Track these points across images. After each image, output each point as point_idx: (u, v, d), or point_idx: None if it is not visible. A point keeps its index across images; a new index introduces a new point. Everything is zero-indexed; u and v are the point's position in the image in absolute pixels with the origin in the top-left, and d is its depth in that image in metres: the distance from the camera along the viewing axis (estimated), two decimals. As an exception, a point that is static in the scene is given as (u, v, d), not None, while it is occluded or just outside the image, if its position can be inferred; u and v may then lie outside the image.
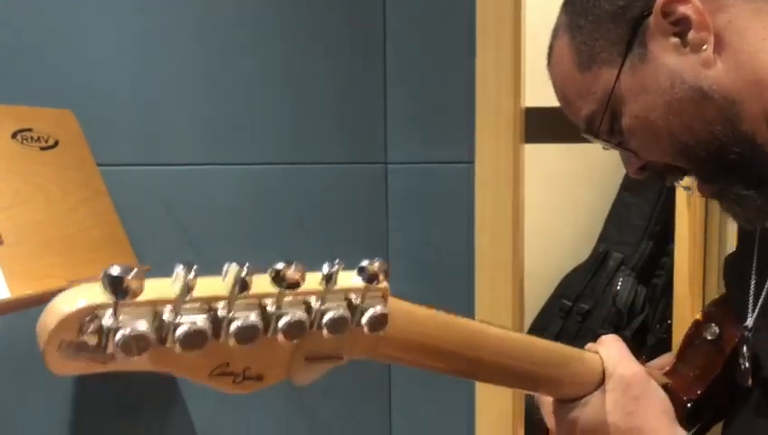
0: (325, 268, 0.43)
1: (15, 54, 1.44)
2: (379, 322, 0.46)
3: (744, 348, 0.70)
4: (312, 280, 0.43)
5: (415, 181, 1.49)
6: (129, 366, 0.36)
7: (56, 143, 1.31)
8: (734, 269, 0.81)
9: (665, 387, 0.73)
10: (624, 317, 2.23)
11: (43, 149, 1.28)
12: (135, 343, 0.34)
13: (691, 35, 0.65)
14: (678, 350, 0.77)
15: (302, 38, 1.45)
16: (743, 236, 0.80)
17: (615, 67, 0.68)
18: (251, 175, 1.47)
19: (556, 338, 2.37)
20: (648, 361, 2.41)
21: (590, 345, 0.71)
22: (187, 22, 1.45)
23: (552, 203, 2.27)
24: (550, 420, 0.68)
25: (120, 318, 0.34)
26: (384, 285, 0.47)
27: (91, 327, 0.33)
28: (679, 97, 0.65)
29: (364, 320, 0.45)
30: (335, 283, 0.43)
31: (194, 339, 0.36)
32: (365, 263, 0.46)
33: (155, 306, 0.35)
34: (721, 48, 0.65)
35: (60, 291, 1.12)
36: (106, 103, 1.43)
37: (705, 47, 0.65)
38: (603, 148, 0.76)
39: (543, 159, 1.16)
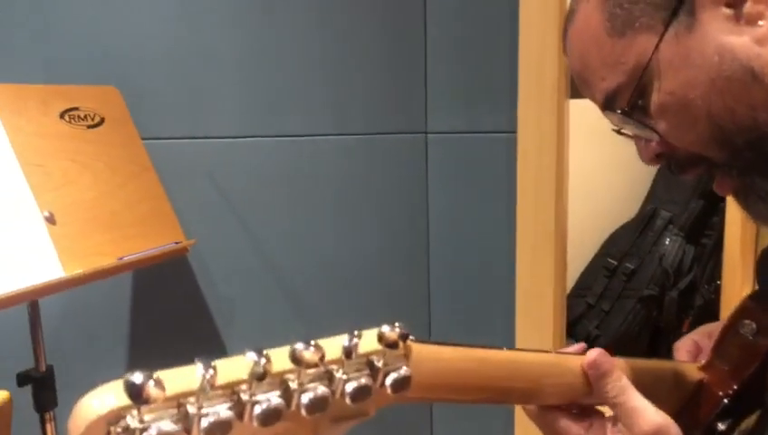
0: (345, 340, 0.43)
1: (58, 33, 1.45)
2: (402, 383, 0.46)
3: None
4: (335, 347, 0.43)
5: (455, 151, 1.48)
6: None
7: (102, 121, 1.33)
8: None
9: (700, 382, 0.72)
10: (670, 277, 2.20)
11: (89, 127, 1.31)
12: None
13: (747, 7, 0.59)
14: (715, 343, 0.75)
15: (343, 10, 1.43)
16: None
17: (655, 35, 0.61)
18: (292, 147, 1.48)
19: (599, 297, 2.38)
20: (696, 321, 2.38)
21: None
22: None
23: (599, 160, 2.22)
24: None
25: (146, 418, 0.35)
26: (407, 344, 0.47)
27: (119, 430, 0.35)
28: (726, 75, 0.59)
29: (388, 382, 0.45)
30: (357, 349, 0.43)
31: (218, 429, 0.37)
32: (385, 329, 0.45)
33: (179, 401, 0.37)
34: None
35: (110, 270, 1.15)
36: (148, 77, 1.44)
37: (761, 22, 0.58)
38: (615, 131, 0.69)
39: (588, 115, 1.14)
